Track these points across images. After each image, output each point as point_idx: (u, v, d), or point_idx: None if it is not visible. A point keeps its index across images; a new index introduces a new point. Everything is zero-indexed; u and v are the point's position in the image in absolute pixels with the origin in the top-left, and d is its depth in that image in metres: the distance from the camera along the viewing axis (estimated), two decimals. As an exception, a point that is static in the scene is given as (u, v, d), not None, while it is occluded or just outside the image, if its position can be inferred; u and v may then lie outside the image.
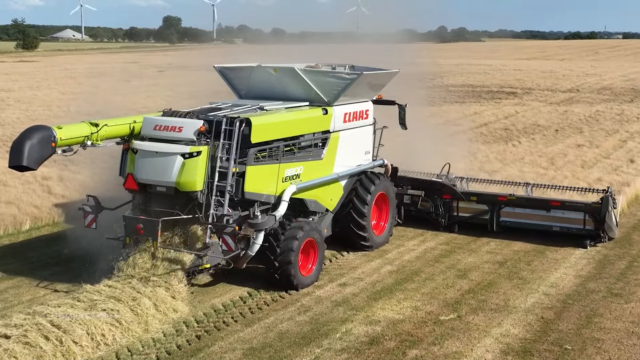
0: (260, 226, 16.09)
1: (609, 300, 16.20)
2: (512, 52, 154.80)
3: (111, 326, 13.75)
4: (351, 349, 13.62)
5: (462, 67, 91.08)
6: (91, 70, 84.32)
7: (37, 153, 14.89)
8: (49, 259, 18.59)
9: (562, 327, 14.72)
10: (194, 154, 15.59)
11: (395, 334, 14.31)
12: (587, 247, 20.09)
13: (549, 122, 43.78)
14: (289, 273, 16.43)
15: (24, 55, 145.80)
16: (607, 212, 20.17)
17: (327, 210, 18.95)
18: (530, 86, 66.09)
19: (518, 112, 47.76)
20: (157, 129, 16.16)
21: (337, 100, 18.95)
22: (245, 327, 14.59)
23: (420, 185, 22.35)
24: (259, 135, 16.32)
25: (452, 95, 58.66)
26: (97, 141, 16.00)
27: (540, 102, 54.46)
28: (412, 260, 18.93)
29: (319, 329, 14.52)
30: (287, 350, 13.57)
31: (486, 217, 21.52)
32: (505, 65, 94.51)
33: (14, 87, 63.27)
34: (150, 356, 13.27)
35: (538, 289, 16.89)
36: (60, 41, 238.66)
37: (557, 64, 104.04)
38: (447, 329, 14.55)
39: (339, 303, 15.92)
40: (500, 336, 14.26)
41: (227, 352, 13.49)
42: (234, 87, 20.36)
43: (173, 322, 14.61)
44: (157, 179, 15.85)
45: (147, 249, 15.94)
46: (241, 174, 15.96)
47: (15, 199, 22.88)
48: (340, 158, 19.09)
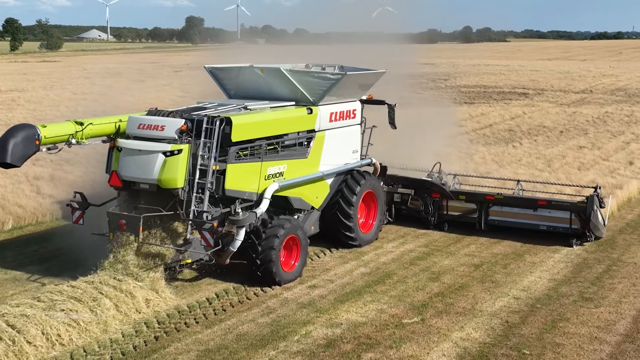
0: (241, 223, 16.44)
1: (578, 305, 16.01)
2: (534, 52, 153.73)
3: (68, 326, 13.80)
4: (306, 352, 13.58)
5: (479, 68, 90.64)
6: (108, 71, 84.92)
7: (20, 151, 15.43)
8: (25, 258, 18.70)
9: (525, 332, 14.56)
10: (175, 152, 16.00)
11: (353, 337, 14.24)
12: (573, 245, 20.15)
13: (555, 123, 43.40)
14: (271, 270, 16.74)
15: (47, 55, 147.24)
16: (592, 211, 20.16)
17: (312, 207, 19.18)
18: (544, 87, 65.54)
19: (525, 113, 47.40)
20: (141, 128, 16.58)
21: (323, 100, 19.18)
22: (205, 329, 14.59)
23: (410, 184, 22.51)
24: (239, 134, 16.63)
25: (462, 96, 58.35)
26: (82, 139, 16.51)
27: (551, 103, 54.01)
28: (387, 263, 18.83)
29: (278, 331, 14.49)
30: (242, 352, 13.56)
31: (475, 215, 21.61)
32: (522, 66, 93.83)
33: (28, 87, 63.84)
34: (104, 357, 13.30)
35: (509, 292, 16.73)
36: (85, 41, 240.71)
37: (576, 64, 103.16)
38: (408, 332, 14.45)
39: (304, 305, 15.87)
40: (460, 340, 14.14)
41: (182, 353, 13.50)
42: (224, 87, 20.68)
43: (134, 323, 14.65)
44: (140, 176, 16.30)
45: (129, 245, 16.26)
46: (222, 171, 16.32)
47: (1, 198, 23.05)
48: (326, 157, 19.33)
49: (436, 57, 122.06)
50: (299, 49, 65.32)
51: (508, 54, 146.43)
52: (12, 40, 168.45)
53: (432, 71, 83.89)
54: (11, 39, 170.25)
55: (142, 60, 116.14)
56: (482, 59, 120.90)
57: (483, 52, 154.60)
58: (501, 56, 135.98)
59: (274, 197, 17.53)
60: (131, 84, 64.35)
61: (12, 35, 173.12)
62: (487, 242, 20.68)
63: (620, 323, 15.05)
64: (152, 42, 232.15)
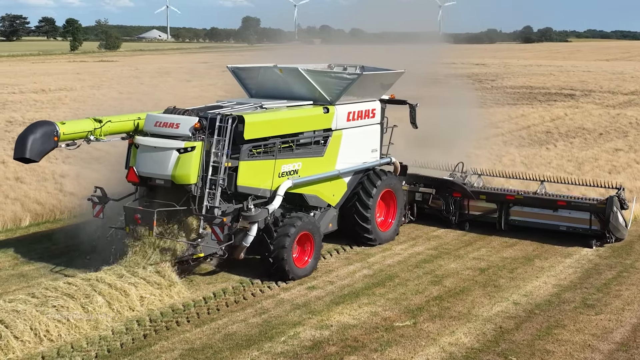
0: (253, 218, 16.91)
1: (578, 312, 15.66)
2: (594, 53, 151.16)
3: (58, 322, 14.02)
4: (289, 353, 13.56)
5: (530, 69, 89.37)
6: (159, 70, 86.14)
7: (39, 146, 16.22)
8: (36, 254, 19.04)
9: (517, 338, 14.30)
10: (188, 149, 16.53)
11: (341, 339, 14.16)
12: (592, 246, 20.09)
13: (595, 125, 42.51)
14: (283, 268, 17.13)
15: (105, 55, 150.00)
16: (611, 212, 19.99)
17: (329, 205, 19.49)
18: (592, 88, 64.28)
19: (567, 115, 46.54)
20: (157, 126, 17.19)
21: (340, 99, 19.48)
22: (195, 328, 14.67)
23: (431, 183, 22.72)
24: (252, 132, 17.08)
25: (506, 97, 57.62)
26: (101, 136, 17.19)
27: (596, 104, 52.92)
28: (392, 265, 18.69)
29: (267, 331, 14.50)
30: (226, 352, 13.61)
31: (495, 215, 21.64)
32: (576, 67, 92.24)
33: (77, 87, 65.09)
34: (90, 353, 13.48)
35: (509, 297, 16.45)
36: (144, 41, 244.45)
37: (632, 65, 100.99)
38: (396, 336, 14.32)
39: (298, 306, 15.85)
40: (448, 345, 13.95)
41: (167, 351, 13.61)
42: (245, 87, 21.13)
43: (126, 321, 14.80)
44: (155, 172, 16.86)
45: (145, 239, 16.88)
46: (234, 168, 16.77)
47: (23, 195, 23.54)
48: (343, 155, 19.65)
49: (492, 57, 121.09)
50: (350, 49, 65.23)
51: (566, 55, 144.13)
52: (73, 41, 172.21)
53: (481, 72, 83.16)
54: (72, 39, 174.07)
55: (196, 60, 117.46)
56: (538, 59, 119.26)
57: (540, 53, 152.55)
58: (558, 56, 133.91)
59: (289, 195, 18.05)
60: (177, 84, 65.25)
61: (72, 36, 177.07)
62: (499, 246, 20.39)
63: (618, 331, 14.68)
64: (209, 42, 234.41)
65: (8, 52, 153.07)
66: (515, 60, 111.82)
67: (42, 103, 51.93)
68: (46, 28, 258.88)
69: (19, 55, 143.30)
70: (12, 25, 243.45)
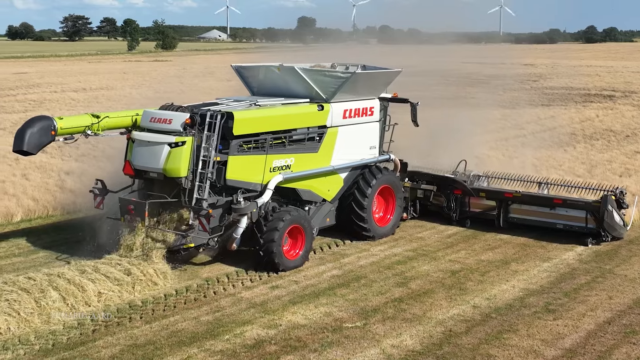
0: (242, 211, 17.67)
1: (536, 316, 15.36)
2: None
3: (8, 316, 14.33)
4: (227, 351, 13.63)
5: (577, 69, 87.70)
6: (204, 70, 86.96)
7: (36, 140, 17.16)
8: (17, 249, 19.48)
9: (463, 342, 14.12)
10: (179, 144, 17.23)
11: (284, 338, 14.18)
12: (588, 244, 20.30)
13: (624, 127, 41.55)
14: (273, 260, 17.75)
15: (161, 55, 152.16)
16: (606, 211, 20.09)
17: (324, 200, 19.99)
18: (635, 89, 62.75)
19: (598, 116, 45.57)
20: (152, 121, 17.99)
21: (335, 97, 19.91)
22: (145, 324, 14.84)
23: (433, 180, 23.08)
24: (241, 128, 17.76)
25: (542, 97, 56.68)
26: (99, 131, 18.09)
27: (633, 106, 51.62)
28: (364, 266, 18.60)
29: (213, 330, 14.59)
30: (166, 348, 13.73)
31: (494, 212, 21.94)
32: (626, 68, 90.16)
33: (117, 86, 66.20)
34: (34, 347, 13.75)
35: (471, 300, 16.23)
36: (203, 41, 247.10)
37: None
38: (341, 337, 14.27)
39: (254, 305, 15.90)
40: (390, 347, 13.86)
41: (109, 347, 13.79)
42: (248, 85, 21.77)
43: (80, 316, 15.03)
44: (148, 165, 17.70)
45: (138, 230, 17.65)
46: (224, 162, 17.44)
47: (21, 192, 24.08)
48: (339, 152, 20.13)
49: (546, 57, 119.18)
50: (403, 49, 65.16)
51: (624, 55, 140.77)
52: (130, 41, 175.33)
53: (526, 72, 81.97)
54: (130, 39, 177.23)
55: (245, 59, 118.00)
56: (593, 59, 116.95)
57: (599, 53, 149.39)
58: (616, 57, 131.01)
59: (283, 189, 18.75)
60: (216, 83, 65.86)
61: (130, 36, 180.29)
62: (480, 249, 20.14)
63: (570, 337, 14.37)
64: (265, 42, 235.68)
65: (68, 52, 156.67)
66: (567, 60, 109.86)
67: (77, 102, 52.97)
68: (107, 28, 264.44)
69: (77, 55, 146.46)
70: (75, 26, 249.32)
